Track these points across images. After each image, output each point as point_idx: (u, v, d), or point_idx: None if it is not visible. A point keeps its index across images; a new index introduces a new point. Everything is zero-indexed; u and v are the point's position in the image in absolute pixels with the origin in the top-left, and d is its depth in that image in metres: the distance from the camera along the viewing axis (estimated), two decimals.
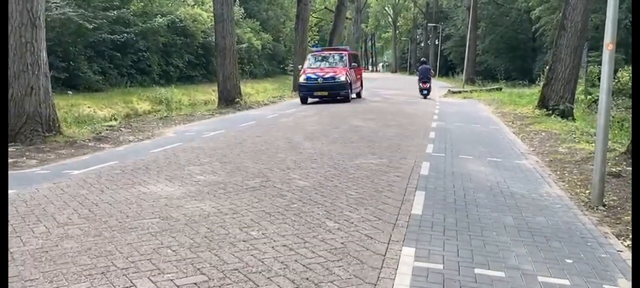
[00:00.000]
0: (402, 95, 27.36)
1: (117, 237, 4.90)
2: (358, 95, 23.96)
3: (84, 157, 9.67)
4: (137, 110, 22.90)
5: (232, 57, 21.51)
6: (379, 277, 4.04)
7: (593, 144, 9.55)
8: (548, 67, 18.61)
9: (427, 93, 25.02)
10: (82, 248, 4.61)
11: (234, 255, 4.42)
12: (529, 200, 6.48)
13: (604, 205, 6.29)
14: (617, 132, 13.42)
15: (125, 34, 27.47)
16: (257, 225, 5.22)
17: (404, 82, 48.83)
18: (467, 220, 5.55)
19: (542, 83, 19.93)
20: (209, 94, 29.61)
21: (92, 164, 8.74)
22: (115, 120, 17.07)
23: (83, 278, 3.99)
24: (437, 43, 63.92)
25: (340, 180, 7.26)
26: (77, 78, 24.75)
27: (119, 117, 19.64)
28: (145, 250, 4.54)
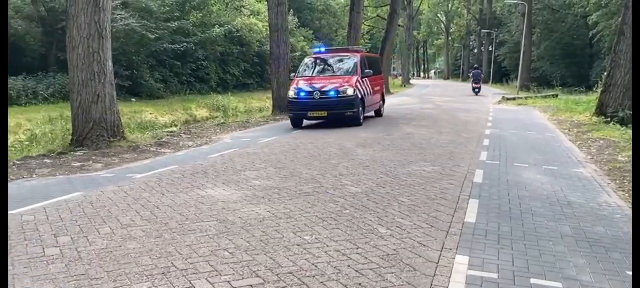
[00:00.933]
0: (454, 102, 26.92)
1: (177, 238, 5.03)
2: (377, 113, 18.12)
3: (146, 161, 9.98)
4: (195, 117, 23.50)
5: (286, 65, 21.74)
6: (432, 284, 3.97)
7: None
8: (606, 73, 17.86)
9: (478, 91, 34.37)
10: (143, 249, 4.76)
11: (289, 259, 4.45)
12: (587, 210, 6.22)
13: None
14: None
15: (185, 44, 28.26)
16: (310, 230, 5.24)
17: (457, 88, 48.05)
18: (522, 229, 5.38)
19: (599, 90, 19.16)
20: (264, 101, 30.04)
21: (153, 168, 9.02)
22: (175, 126, 17.59)
23: (144, 278, 4.11)
24: (490, 49, 62.59)
25: (392, 187, 7.20)
26: (139, 86, 25.66)
27: (179, 123, 20.20)
28: (204, 252, 4.63)
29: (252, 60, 34.87)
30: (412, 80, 72.33)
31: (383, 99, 18.85)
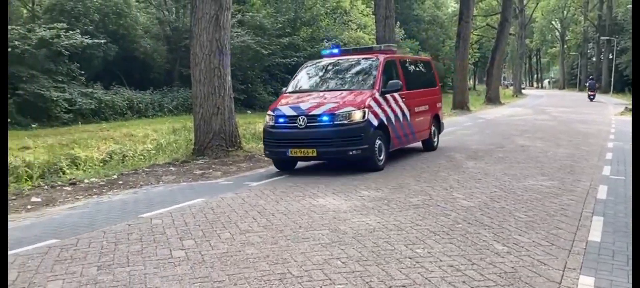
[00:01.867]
0: (572, 113, 25.27)
1: (291, 246, 5.14)
2: (427, 146, 12.05)
3: (261, 170, 10.34)
4: None
5: None
6: None
7: None
8: None
9: (593, 97, 39.06)
10: (261, 254, 4.91)
11: (401, 271, 4.37)
12: None
13: None
14: None
15: (295, 58, 29.11)
16: (422, 243, 5.12)
17: (574, 98, 45.14)
18: None
19: None
20: None
21: (268, 177, 9.32)
22: None
23: (263, 283, 4.22)
24: (611, 57, 58.02)
25: (507, 202, 6.85)
26: (254, 99, 26.80)
27: None
28: (317, 260, 4.68)
29: None
30: (524, 90, 68.93)
31: (438, 123, 12.52)
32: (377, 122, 9.43)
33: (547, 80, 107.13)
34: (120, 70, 27.15)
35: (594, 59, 70.62)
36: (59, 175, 9.77)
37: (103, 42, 24.49)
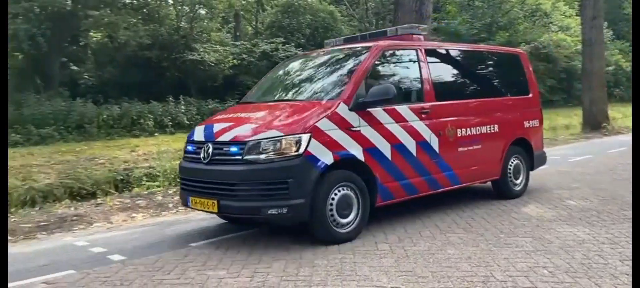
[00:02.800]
0: None
1: (493, 250, 4.94)
2: (499, 190, 7.30)
3: None
4: None
5: (599, 81, 19.43)
6: None
7: None
8: None
9: None
10: (462, 255, 4.82)
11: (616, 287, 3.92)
12: None
13: None
14: None
15: None
16: None
17: None
18: None
19: None
20: (570, 118, 27.26)
21: None
22: None
23: (465, 283, 4.15)
24: None
25: None
26: None
27: None
28: (521, 267, 4.44)
29: (558, 77, 32.18)
30: None
31: (529, 154, 7.69)
32: (332, 157, 5.23)
33: None
34: None
35: None
36: None
37: None
